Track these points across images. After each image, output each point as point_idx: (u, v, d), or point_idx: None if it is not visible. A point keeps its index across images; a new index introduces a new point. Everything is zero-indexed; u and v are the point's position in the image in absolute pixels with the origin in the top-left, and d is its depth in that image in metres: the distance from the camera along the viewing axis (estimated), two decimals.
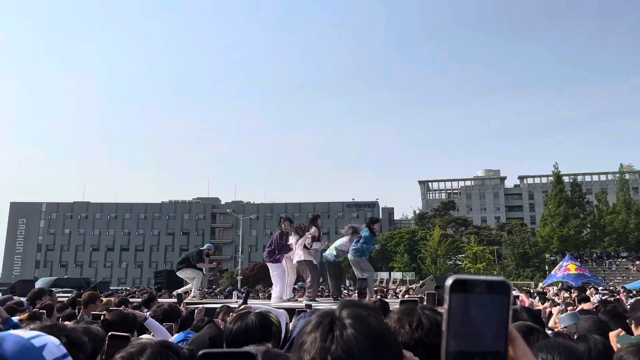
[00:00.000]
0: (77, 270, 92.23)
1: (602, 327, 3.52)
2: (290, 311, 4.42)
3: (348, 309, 1.04)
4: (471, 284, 0.78)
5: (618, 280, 50.75)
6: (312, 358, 0.97)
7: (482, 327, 0.76)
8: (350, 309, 1.04)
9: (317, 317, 1.05)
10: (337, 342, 0.98)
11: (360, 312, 1.04)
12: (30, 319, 4.27)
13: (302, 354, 0.98)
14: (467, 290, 0.77)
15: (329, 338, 0.99)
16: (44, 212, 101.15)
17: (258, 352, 1.42)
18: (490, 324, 0.77)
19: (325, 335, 0.99)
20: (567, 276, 32.48)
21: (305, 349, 0.99)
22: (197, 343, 3.08)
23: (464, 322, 0.77)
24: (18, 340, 1.29)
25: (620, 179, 72.11)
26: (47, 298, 7.21)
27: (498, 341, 0.76)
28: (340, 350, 0.97)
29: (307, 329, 1.04)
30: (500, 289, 0.78)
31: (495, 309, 0.77)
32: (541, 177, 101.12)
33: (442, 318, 0.71)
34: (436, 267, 60.36)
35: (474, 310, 0.77)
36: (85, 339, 2.01)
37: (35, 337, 1.34)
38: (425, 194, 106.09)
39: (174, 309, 4.85)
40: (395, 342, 1.06)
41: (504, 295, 0.77)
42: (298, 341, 1.03)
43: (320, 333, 1.00)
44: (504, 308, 0.77)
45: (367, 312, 1.05)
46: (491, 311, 0.77)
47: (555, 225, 62.33)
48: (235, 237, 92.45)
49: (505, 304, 0.77)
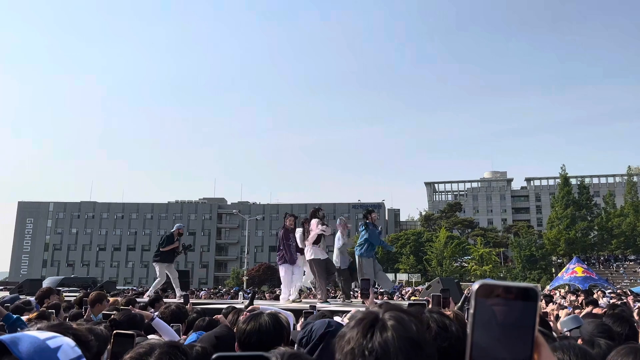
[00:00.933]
0: (83, 269, 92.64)
1: (606, 331, 3.50)
2: (298, 312, 4.42)
3: (391, 311, 1.13)
4: (499, 289, 0.77)
5: (625, 283, 50.44)
6: (351, 348, 1.07)
7: (508, 334, 0.76)
8: (393, 312, 1.12)
9: (361, 314, 1.14)
10: (377, 339, 1.06)
11: (402, 316, 1.12)
12: (39, 318, 4.30)
13: (343, 343, 1.08)
14: (494, 296, 0.77)
15: (369, 334, 1.07)
16: (52, 212, 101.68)
17: (281, 354, 1.45)
18: (516, 331, 0.76)
19: (366, 331, 1.08)
20: (574, 279, 32.30)
21: (347, 340, 1.08)
22: (205, 342, 3.09)
23: (490, 328, 0.76)
24: (33, 341, 1.28)
25: (628, 181, 71.63)
26: (55, 297, 7.24)
27: (524, 348, 0.76)
28: (378, 347, 1.05)
29: (350, 323, 1.13)
30: (529, 295, 0.77)
31: (522, 315, 0.76)
32: (548, 179, 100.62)
33: (450, 321, 0.81)
34: (442, 268, 60.16)
35: (501, 315, 0.76)
36: (92, 337, 2.04)
37: (50, 339, 1.33)
38: (432, 195, 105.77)
39: (181, 309, 4.86)
40: (431, 349, 1.12)
41: (532, 302, 0.77)
42: (340, 333, 1.12)
43: (362, 328, 1.09)
44: (531, 315, 0.76)
45: (408, 317, 1.12)
46: (518, 317, 0.76)
47: (562, 228, 61.98)
48: (241, 238, 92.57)
49: (533, 311, 0.77)
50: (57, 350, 1.32)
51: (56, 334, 1.41)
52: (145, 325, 3.86)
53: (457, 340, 1.61)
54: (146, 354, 1.62)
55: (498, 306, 0.77)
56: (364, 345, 1.06)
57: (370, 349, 1.05)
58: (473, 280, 52.15)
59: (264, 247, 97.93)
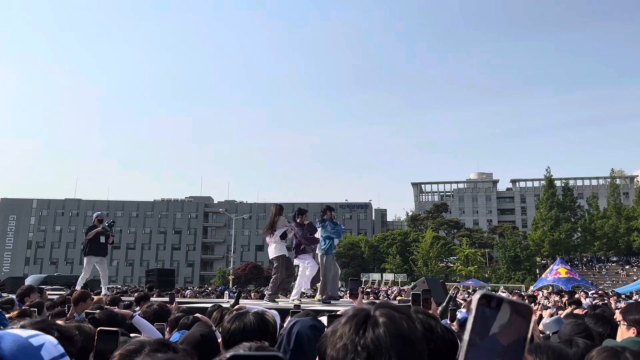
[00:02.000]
0: (67, 267, 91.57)
1: (585, 331, 3.53)
2: (283, 312, 4.42)
3: (383, 308, 1.13)
4: (499, 301, 0.81)
5: (608, 285, 51.17)
6: (343, 344, 1.07)
7: (501, 345, 0.80)
8: (384, 309, 1.13)
9: (353, 310, 1.14)
10: (369, 335, 1.07)
11: (393, 313, 1.12)
12: (20, 316, 4.24)
13: (335, 339, 1.08)
14: (493, 307, 0.81)
15: (361, 330, 1.08)
16: (35, 209, 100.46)
17: (248, 346, 1.49)
18: (508, 343, 0.80)
19: (358, 328, 1.08)
20: (558, 280, 32.76)
21: (339, 335, 1.09)
22: (189, 340, 3.08)
23: (485, 337, 0.80)
24: (16, 339, 1.27)
25: (611, 183, 72.81)
26: (36, 296, 7.13)
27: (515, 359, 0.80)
28: (370, 343, 1.06)
29: (342, 320, 1.13)
30: (524, 312, 0.81)
31: (516, 330, 0.80)
32: (533, 181, 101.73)
33: (435, 322, 0.82)
34: (428, 268, 60.58)
35: (496, 327, 0.80)
36: (76, 333, 2.03)
37: (33, 336, 1.33)
38: (418, 195, 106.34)
39: (164, 308, 4.84)
40: (422, 347, 1.13)
41: (526, 319, 0.81)
42: (330, 329, 1.12)
43: (354, 324, 1.09)
44: (524, 330, 0.81)
45: (399, 315, 1.13)
46: (511, 331, 0.80)
47: (546, 229, 62.76)
48: (228, 237, 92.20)
49: (526, 328, 0.81)
50: (40, 348, 1.31)
51: (38, 332, 1.40)
52: (127, 325, 3.84)
53: (443, 342, 1.61)
54: (136, 351, 1.61)
55: (496, 317, 0.81)
56: (356, 342, 1.06)
57: (363, 345, 1.05)
58: (458, 281, 52.47)
59: (250, 247, 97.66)
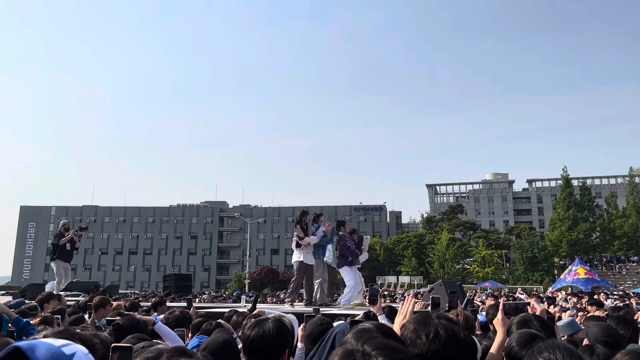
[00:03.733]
0: (85, 273, 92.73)
1: (612, 335, 3.36)
2: (300, 316, 4.43)
3: (370, 341, 1.02)
4: None
5: (628, 285, 50.30)
6: None
7: None
8: (372, 341, 1.02)
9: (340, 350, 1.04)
10: None
11: (384, 342, 1.03)
12: (42, 323, 4.31)
13: None
14: None
15: None
16: (53, 216, 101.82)
17: None
18: None
19: None
20: (577, 280, 32.22)
21: None
22: (212, 347, 3.12)
23: None
24: (49, 348, 1.34)
25: (630, 182, 71.46)
26: (56, 302, 7.21)
27: None
28: None
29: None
30: None
31: None
32: (550, 181, 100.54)
33: (458, 328, 0.79)
34: (444, 271, 60.10)
35: None
36: (97, 341, 2.08)
37: (65, 346, 1.39)
38: (433, 197, 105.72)
39: (185, 315, 4.90)
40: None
41: None
42: None
43: None
44: None
45: (389, 342, 1.04)
46: None
47: (564, 229, 61.90)
48: (243, 241, 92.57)
49: None
50: (72, 357, 1.37)
51: (69, 341, 1.46)
52: (148, 331, 3.87)
53: (466, 348, 1.58)
54: (154, 358, 1.63)
55: None
56: None
57: None
58: (475, 283, 51.97)
59: (265, 250, 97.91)
